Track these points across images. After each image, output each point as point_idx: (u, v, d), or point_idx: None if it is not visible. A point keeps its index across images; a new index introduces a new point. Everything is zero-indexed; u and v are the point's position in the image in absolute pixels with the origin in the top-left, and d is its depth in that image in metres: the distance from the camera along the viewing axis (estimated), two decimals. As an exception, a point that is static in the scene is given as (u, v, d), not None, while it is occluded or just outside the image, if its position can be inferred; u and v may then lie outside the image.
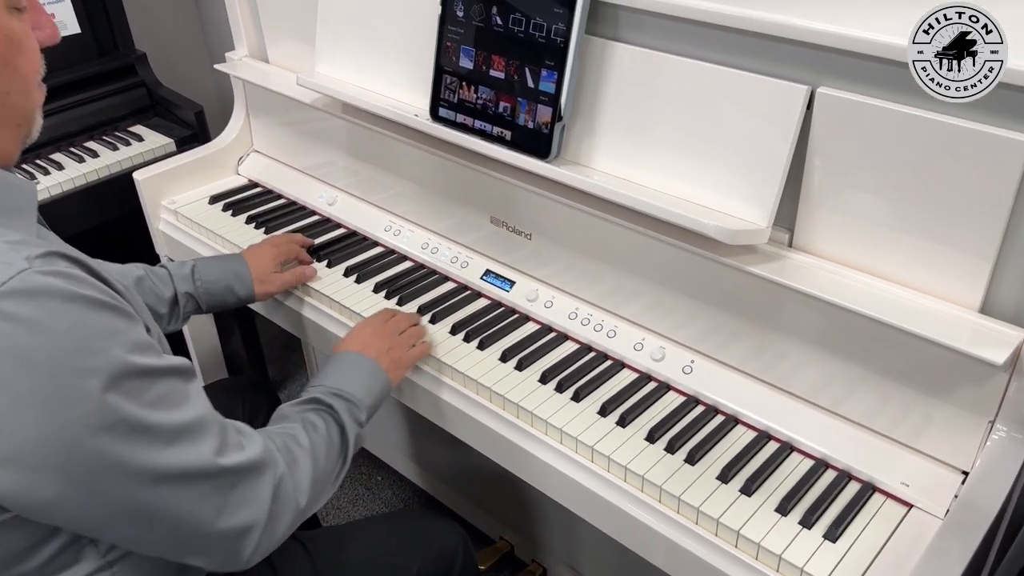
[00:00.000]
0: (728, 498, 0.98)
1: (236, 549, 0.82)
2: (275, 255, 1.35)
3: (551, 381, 1.15)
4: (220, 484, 0.78)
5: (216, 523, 0.78)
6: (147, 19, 2.24)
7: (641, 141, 1.10)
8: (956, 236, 0.91)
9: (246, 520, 0.81)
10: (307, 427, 0.96)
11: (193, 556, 0.81)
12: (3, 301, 0.65)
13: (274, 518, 0.84)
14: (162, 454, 0.73)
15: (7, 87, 0.73)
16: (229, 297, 1.30)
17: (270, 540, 0.84)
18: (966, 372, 0.92)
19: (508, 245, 1.32)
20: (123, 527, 0.75)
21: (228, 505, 0.79)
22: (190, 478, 0.76)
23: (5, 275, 0.66)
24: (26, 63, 0.75)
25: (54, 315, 0.67)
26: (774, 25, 0.95)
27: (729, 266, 1.05)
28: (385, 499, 1.98)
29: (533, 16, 1.10)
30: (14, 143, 0.78)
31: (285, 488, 0.86)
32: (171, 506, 0.75)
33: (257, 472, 0.83)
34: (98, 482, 0.71)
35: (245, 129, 1.70)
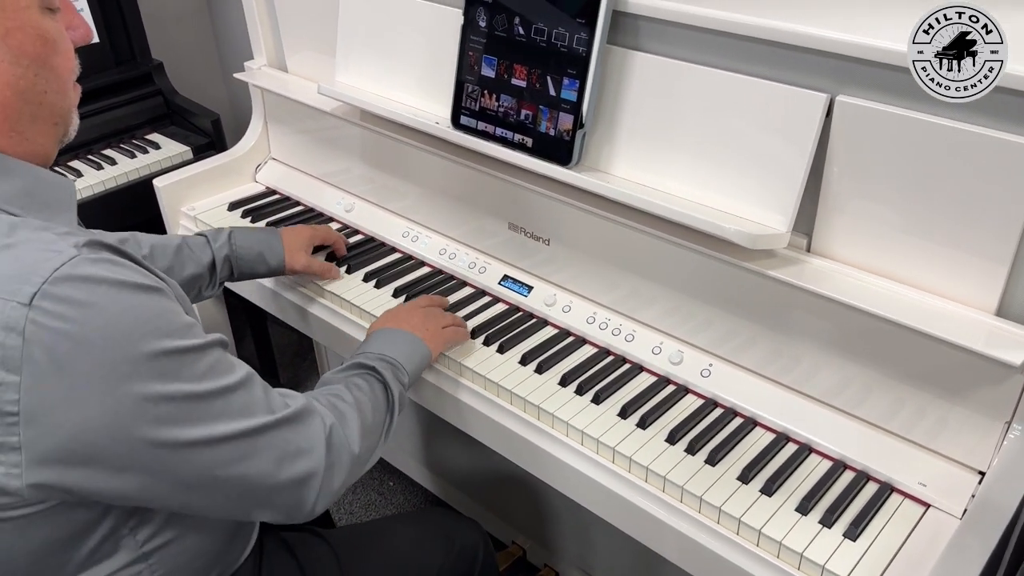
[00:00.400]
0: (749, 498, 0.99)
1: (300, 498, 0.85)
2: (311, 235, 1.39)
3: (571, 384, 1.17)
4: (275, 438, 0.82)
5: (278, 475, 0.82)
6: (163, 29, 2.26)
7: (661, 148, 1.12)
8: (973, 240, 0.93)
9: (306, 468, 0.84)
10: (350, 386, 0.99)
11: (260, 510, 0.84)
12: (58, 286, 0.68)
13: (331, 466, 0.87)
14: (219, 419, 0.77)
15: (44, 86, 0.76)
16: (260, 266, 1.33)
17: (330, 487, 0.87)
18: (983, 374, 0.94)
19: (526, 250, 1.34)
20: (190, 493, 0.78)
21: (287, 456, 0.83)
22: (248, 435, 0.79)
23: (57, 261, 0.69)
24: (61, 63, 0.78)
25: (106, 298, 0.69)
26: (794, 35, 0.97)
27: (748, 270, 1.07)
28: (397, 504, 1.99)
29: (555, 27, 1.13)
30: (52, 141, 0.81)
31: (337, 436, 0.89)
32: (234, 465, 0.79)
33: (305, 421, 0.86)
34: (162, 454, 0.74)
35: (263, 137, 1.73)
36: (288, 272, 1.36)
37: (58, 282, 0.68)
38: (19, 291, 0.67)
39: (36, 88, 0.76)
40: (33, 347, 0.67)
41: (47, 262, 0.69)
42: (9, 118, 0.75)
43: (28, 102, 0.75)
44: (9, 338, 0.66)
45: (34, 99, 0.76)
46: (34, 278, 0.68)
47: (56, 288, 0.68)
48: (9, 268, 0.68)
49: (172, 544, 0.86)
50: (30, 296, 0.67)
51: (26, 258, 0.69)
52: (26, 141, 0.77)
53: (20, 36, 0.73)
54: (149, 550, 0.84)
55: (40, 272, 0.68)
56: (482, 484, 1.81)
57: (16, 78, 0.74)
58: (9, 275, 0.68)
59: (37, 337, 0.67)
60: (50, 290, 0.67)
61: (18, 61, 0.74)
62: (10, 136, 0.75)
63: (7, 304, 0.67)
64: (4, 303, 0.67)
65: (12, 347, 0.66)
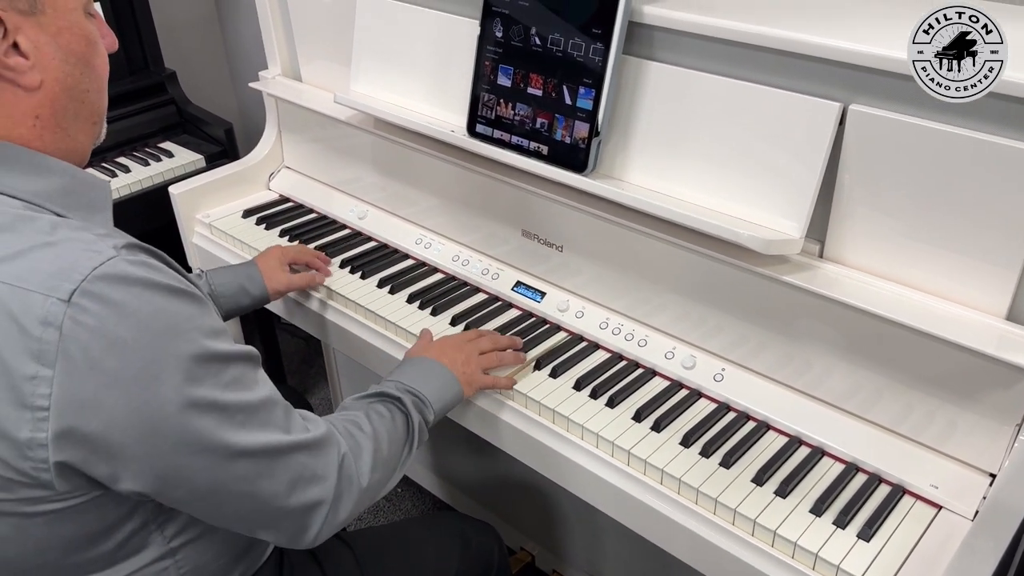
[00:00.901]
0: (764, 500, 1.01)
1: (305, 525, 0.85)
2: (280, 254, 1.40)
3: (585, 388, 1.19)
4: (291, 461, 0.82)
5: (288, 499, 0.83)
6: (176, 39, 2.29)
7: (675, 155, 1.14)
8: (984, 246, 0.95)
9: (315, 496, 0.85)
10: (371, 415, 0.99)
11: (264, 530, 0.85)
12: (96, 284, 0.70)
13: (339, 497, 0.87)
14: (238, 432, 0.78)
15: (87, 85, 0.80)
16: (243, 298, 1.33)
17: (335, 519, 0.87)
18: (993, 377, 0.95)
19: (539, 257, 1.36)
20: (202, 501, 0.79)
21: (300, 481, 0.83)
22: (264, 454, 0.80)
23: (97, 260, 0.71)
24: (100, 64, 0.82)
25: (141, 300, 0.71)
26: (806, 45, 0.99)
27: (761, 275, 1.09)
28: (405, 510, 2.01)
29: (572, 37, 1.15)
30: (90, 140, 0.84)
31: (348, 467, 0.89)
32: (247, 481, 0.80)
33: (323, 449, 0.86)
34: (181, 457, 0.75)
35: (277, 145, 1.75)
36: (273, 296, 1.37)
37: (96, 281, 0.70)
38: (59, 287, 0.69)
39: (80, 86, 0.79)
40: (69, 343, 0.69)
41: (87, 261, 0.71)
42: (56, 113, 0.78)
43: (73, 99, 0.79)
44: (47, 333, 0.68)
45: (78, 96, 0.80)
46: (74, 275, 0.70)
47: (94, 286, 0.70)
48: (50, 265, 0.70)
49: (199, 540, 0.87)
50: (69, 293, 0.69)
51: (67, 256, 0.71)
52: (69, 137, 0.80)
53: (69, 36, 0.78)
54: (176, 546, 0.85)
55: (80, 270, 0.70)
56: (490, 489, 1.83)
57: (65, 75, 0.78)
58: (50, 272, 0.70)
59: (74, 334, 0.69)
60: (89, 288, 0.69)
61: (67, 59, 0.78)
62: (55, 132, 0.79)
63: (47, 300, 0.69)
64: (44, 299, 0.69)
65: (49, 342, 0.69)
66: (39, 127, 0.78)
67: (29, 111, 0.77)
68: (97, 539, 0.79)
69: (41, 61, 0.76)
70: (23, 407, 0.69)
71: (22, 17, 0.74)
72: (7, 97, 0.76)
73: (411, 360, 1.14)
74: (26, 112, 0.77)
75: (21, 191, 0.76)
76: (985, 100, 0.89)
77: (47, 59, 0.76)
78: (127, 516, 0.80)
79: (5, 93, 0.75)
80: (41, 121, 0.78)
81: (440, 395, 1.09)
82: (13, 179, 0.76)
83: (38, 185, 0.77)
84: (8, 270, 0.70)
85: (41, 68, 0.76)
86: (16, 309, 0.69)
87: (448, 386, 1.10)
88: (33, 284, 0.69)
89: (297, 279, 1.39)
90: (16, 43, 0.74)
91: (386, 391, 1.05)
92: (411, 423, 1.03)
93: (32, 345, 0.69)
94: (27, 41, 0.74)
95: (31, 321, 0.68)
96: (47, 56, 0.76)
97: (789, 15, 1.09)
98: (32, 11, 0.74)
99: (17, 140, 0.77)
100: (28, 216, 0.74)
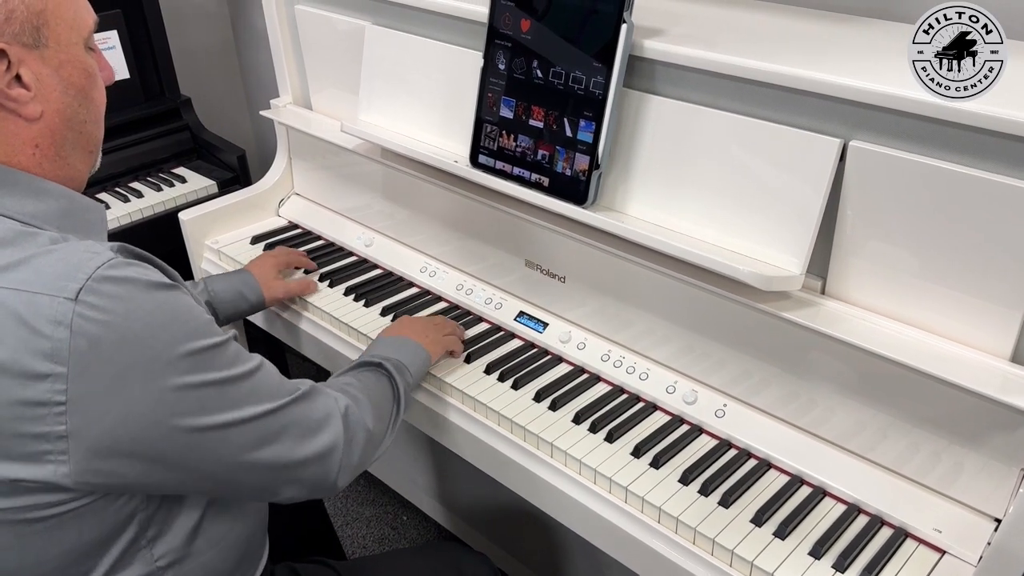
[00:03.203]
0: (762, 541, 0.99)
1: (324, 471, 0.92)
2: (274, 261, 1.47)
3: (585, 421, 1.17)
4: (295, 414, 0.88)
5: (303, 449, 0.89)
6: (192, 66, 2.33)
7: (676, 189, 1.14)
8: (987, 286, 0.94)
9: (327, 442, 0.91)
10: (359, 377, 1.07)
11: (288, 486, 0.90)
12: (100, 282, 0.73)
13: (350, 441, 0.94)
14: (247, 401, 0.83)
15: (85, 116, 0.84)
16: (242, 303, 1.38)
17: (350, 460, 0.95)
18: (998, 419, 0.93)
19: (542, 288, 1.36)
20: (227, 475, 0.84)
21: (308, 431, 0.90)
22: (272, 414, 0.86)
23: (99, 261, 0.74)
24: (98, 96, 0.87)
25: (144, 295, 0.75)
26: (808, 81, 0.99)
27: (763, 312, 1.07)
28: (411, 539, 1.99)
29: (573, 70, 1.15)
30: (86, 168, 0.88)
31: (352, 415, 0.96)
32: (263, 444, 0.85)
33: (315, 397, 0.93)
34: (198, 439, 0.79)
35: (287, 172, 1.76)
36: (269, 302, 1.42)
37: (100, 279, 0.73)
38: (66, 287, 0.72)
39: (79, 117, 0.84)
40: (79, 339, 0.72)
41: (90, 261, 0.74)
42: (56, 143, 0.82)
43: (72, 129, 0.83)
44: (58, 331, 0.71)
45: (77, 127, 0.84)
46: (79, 275, 0.73)
47: (100, 284, 0.73)
48: (54, 269, 0.74)
49: (186, 561, 0.89)
50: (76, 291, 0.72)
51: (70, 259, 0.74)
52: (67, 166, 0.84)
53: (70, 69, 0.81)
54: (163, 565, 0.86)
55: (84, 270, 0.73)
56: (494, 520, 1.81)
57: (65, 106, 0.82)
58: (55, 274, 0.73)
59: (83, 330, 0.72)
60: (94, 286, 0.73)
61: (67, 91, 0.82)
62: (54, 160, 0.83)
63: (55, 300, 0.72)
64: (52, 299, 0.72)
65: (60, 340, 0.71)
66: (39, 155, 0.81)
67: (29, 140, 0.80)
68: (91, 553, 0.81)
69: (42, 93, 0.80)
70: (39, 405, 0.72)
71: (26, 50, 0.77)
72: (8, 127, 0.79)
73: (379, 340, 1.22)
74: (26, 141, 0.80)
75: (21, 213, 0.79)
76: (989, 139, 0.89)
77: (48, 91, 0.80)
78: (122, 526, 0.82)
79: (7, 123, 0.79)
80: (41, 150, 0.81)
81: (412, 360, 1.17)
82: (13, 202, 0.79)
83: (37, 208, 0.80)
84: (12, 277, 0.73)
85: (42, 99, 0.80)
86: (24, 312, 0.71)
87: (417, 353, 1.19)
88: (39, 287, 0.72)
89: (294, 286, 1.46)
90: (19, 75, 0.78)
91: (366, 360, 1.13)
92: (395, 384, 1.10)
93: (44, 345, 0.71)
94: (30, 73, 0.78)
95: (41, 322, 0.71)
96: (48, 88, 0.80)
97: (790, 50, 1.09)
98: (36, 45, 0.78)
99: (17, 167, 0.80)
100: (29, 232, 0.78)
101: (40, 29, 0.78)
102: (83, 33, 0.82)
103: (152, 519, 0.84)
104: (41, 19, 0.78)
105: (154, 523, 0.85)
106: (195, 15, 2.38)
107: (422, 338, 1.22)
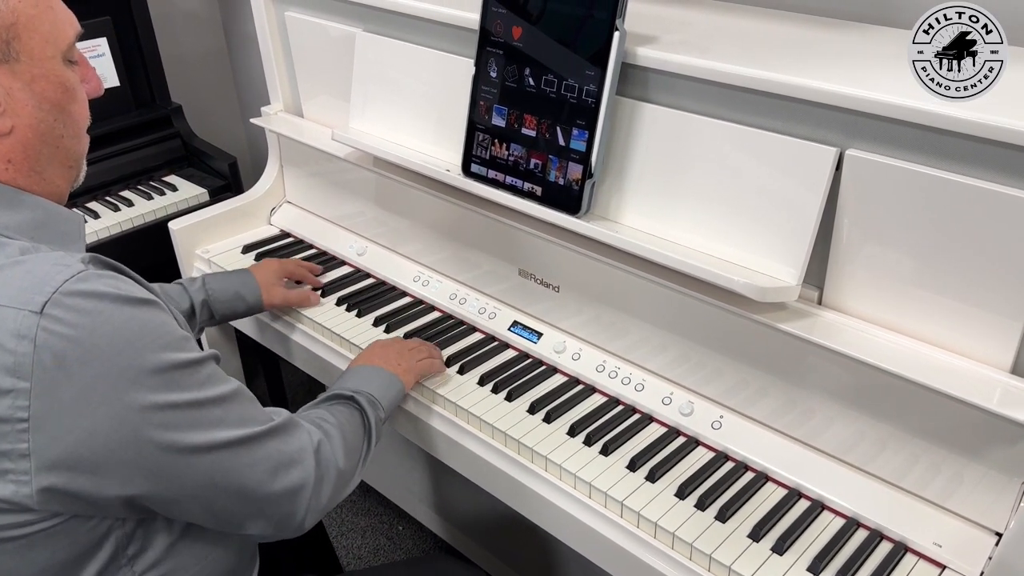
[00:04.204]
0: (760, 557, 0.97)
1: (291, 510, 0.88)
2: (279, 269, 1.44)
3: (579, 434, 1.16)
4: (268, 447, 0.85)
5: (272, 484, 0.85)
6: (183, 72, 2.31)
7: (670, 198, 1.12)
8: (987, 297, 0.92)
9: (297, 479, 0.88)
10: (332, 411, 1.03)
11: (253, 521, 0.87)
12: (67, 296, 0.71)
13: (320, 479, 0.91)
14: (218, 426, 0.80)
15: (61, 131, 0.82)
16: (239, 304, 1.36)
17: (318, 502, 0.91)
18: (998, 432, 0.92)
19: (536, 297, 1.34)
20: (193, 499, 0.81)
21: (281, 466, 0.86)
22: (244, 443, 0.83)
23: (67, 274, 0.73)
24: (78, 110, 0.84)
25: (112, 309, 0.73)
26: (803, 89, 0.97)
27: (759, 323, 1.06)
28: (406, 549, 1.97)
29: (565, 78, 1.13)
30: (66, 183, 0.86)
31: (324, 451, 0.93)
32: (232, 473, 0.82)
33: (291, 433, 0.90)
34: (165, 459, 0.76)
35: (278, 180, 1.74)
36: (267, 307, 1.40)
37: (68, 293, 0.71)
38: (31, 300, 0.71)
39: (55, 132, 0.81)
40: (43, 353, 0.70)
41: (57, 274, 0.72)
42: (30, 158, 0.80)
43: (47, 144, 0.81)
44: (21, 345, 0.70)
45: (52, 142, 0.82)
46: (45, 288, 0.71)
47: (66, 298, 0.71)
48: (21, 281, 0.72)
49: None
50: (41, 305, 0.70)
51: (37, 271, 0.73)
52: (44, 180, 0.82)
53: (44, 83, 0.79)
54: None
55: (51, 283, 0.71)
56: (491, 531, 1.79)
57: (38, 121, 0.80)
58: (21, 287, 0.71)
59: (47, 344, 0.70)
60: (60, 299, 0.71)
61: (41, 106, 0.80)
62: (29, 175, 0.81)
63: (19, 313, 0.70)
64: (16, 312, 0.70)
65: (23, 354, 0.70)
66: (12, 170, 0.80)
67: (1, 155, 0.79)
68: (68, 571, 0.79)
69: (12, 107, 0.78)
70: (1, 422, 0.70)
71: None
72: None
73: (351, 369, 1.18)
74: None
75: None
76: (987, 148, 0.87)
77: (19, 105, 0.78)
78: (98, 545, 0.80)
79: None
80: (14, 165, 0.80)
81: (385, 393, 1.14)
82: None
83: (10, 219, 0.79)
84: None
85: (12, 114, 0.78)
86: None
87: (390, 384, 1.16)
88: (4, 299, 0.71)
89: (293, 296, 1.43)
90: None
91: (338, 393, 1.09)
92: (367, 419, 1.07)
93: (7, 359, 0.70)
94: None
95: (4, 335, 0.70)
96: (19, 102, 0.78)
97: (785, 58, 1.07)
98: (5, 59, 0.76)
99: None
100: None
101: (10, 43, 0.76)
102: (61, 46, 0.80)
103: (132, 536, 0.82)
104: (11, 32, 0.76)
105: (134, 540, 0.83)
106: (186, 21, 2.36)
107: (395, 366, 1.18)
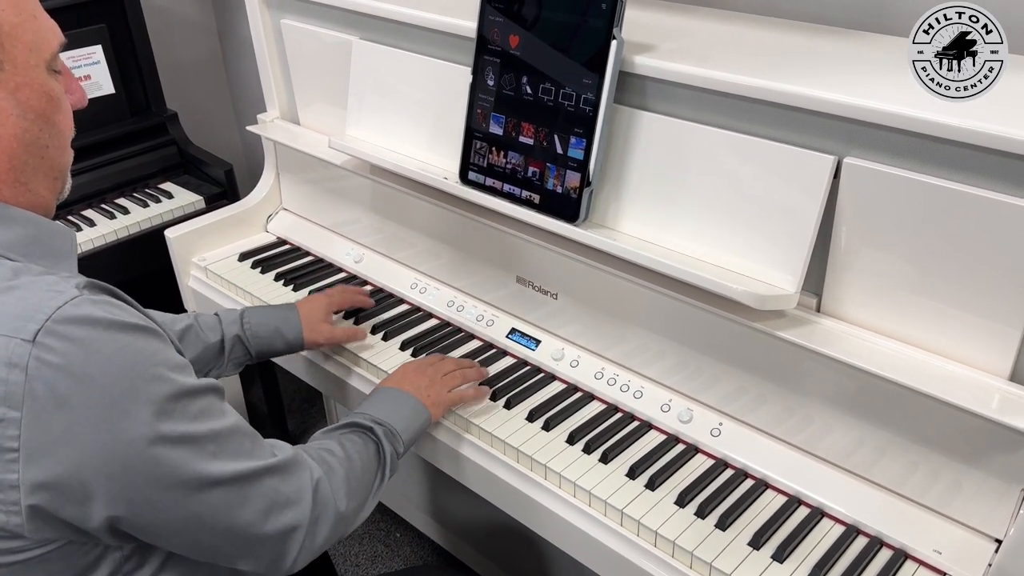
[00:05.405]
0: (760, 565, 0.97)
1: (282, 551, 0.85)
2: (327, 303, 1.34)
3: (579, 442, 1.16)
4: (264, 486, 0.82)
5: (265, 525, 0.83)
6: (178, 79, 2.30)
7: (669, 206, 1.12)
8: (985, 304, 0.92)
9: (291, 521, 0.85)
10: (343, 443, 0.99)
11: (243, 559, 0.84)
12: (61, 324, 0.70)
13: (316, 520, 0.87)
14: (210, 462, 0.78)
15: (46, 141, 0.80)
16: (277, 341, 1.27)
17: (312, 543, 0.87)
18: (997, 439, 0.92)
19: (534, 304, 1.34)
20: (180, 533, 0.79)
21: (274, 507, 0.83)
22: (236, 482, 0.80)
23: (60, 300, 0.71)
24: (63, 121, 0.83)
25: (106, 337, 0.72)
26: (801, 97, 0.97)
27: (757, 330, 1.06)
28: (404, 556, 1.97)
29: (563, 86, 1.13)
30: (52, 195, 0.84)
31: (323, 491, 0.89)
32: (223, 510, 0.79)
33: (293, 472, 0.86)
34: (155, 492, 0.75)
35: (275, 188, 1.74)
36: (309, 345, 1.30)
37: (61, 320, 0.70)
38: (23, 328, 0.69)
39: (40, 142, 0.80)
40: (35, 383, 0.69)
41: (51, 301, 0.71)
42: (14, 168, 0.78)
43: (32, 155, 0.79)
44: (12, 374, 0.68)
45: (37, 152, 0.80)
46: (38, 316, 0.70)
47: (59, 326, 0.70)
48: (13, 308, 0.71)
49: None
50: (34, 333, 0.69)
51: (30, 298, 0.71)
52: (29, 192, 0.80)
53: (28, 92, 0.78)
54: None
55: (44, 310, 0.70)
56: (489, 538, 1.79)
57: (23, 131, 0.78)
58: (14, 314, 0.70)
59: (39, 373, 0.69)
60: (53, 327, 0.70)
61: (25, 115, 0.78)
62: (14, 186, 0.79)
63: (11, 341, 0.69)
64: (8, 340, 0.69)
65: (15, 383, 0.68)
66: None
67: None
68: None
69: None
70: None
71: None
72: None
73: (378, 392, 1.14)
74: None
75: None
76: (985, 156, 0.87)
77: (3, 114, 0.76)
78: (94, 565, 0.79)
79: None
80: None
81: (408, 424, 1.09)
82: None
83: (2, 236, 0.77)
84: None
85: None
86: None
87: (416, 414, 1.12)
88: None
89: (340, 333, 1.33)
90: None
91: (357, 421, 1.05)
92: (383, 452, 1.03)
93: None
94: None
95: None
96: (3, 111, 0.76)
97: (783, 66, 1.07)
98: None
99: None
100: None
101: None
102: (45, 55, 0.78)
103: (129, 556, 0.81)
104: None
105: (132, 558, 0.82)
106: (181, 27, 2.36)
107: (425, 396, 1.13)
